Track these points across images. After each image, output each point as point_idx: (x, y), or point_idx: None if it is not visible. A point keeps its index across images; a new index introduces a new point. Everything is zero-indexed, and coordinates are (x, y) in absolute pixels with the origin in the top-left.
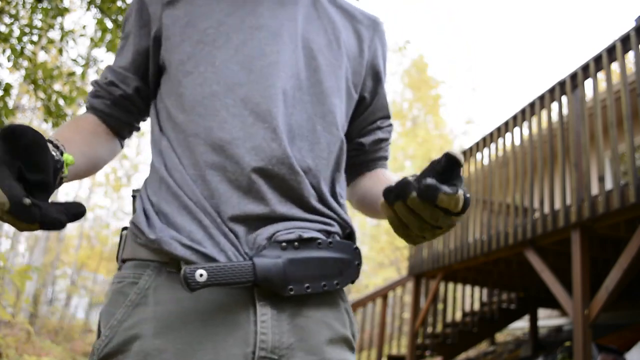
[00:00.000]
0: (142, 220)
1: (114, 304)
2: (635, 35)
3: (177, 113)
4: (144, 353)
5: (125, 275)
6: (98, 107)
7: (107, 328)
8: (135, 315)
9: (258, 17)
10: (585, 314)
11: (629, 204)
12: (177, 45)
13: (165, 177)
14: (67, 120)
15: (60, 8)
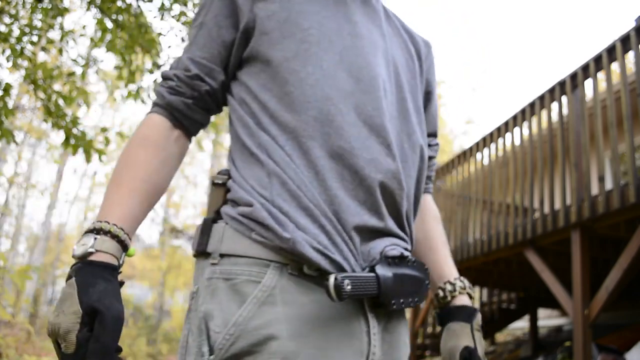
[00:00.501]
0: (266, 215)
1: (227, 302)
2: (635, 35)
3: (281, 111)
4: (282, 355)
5: (236, 272)
6: (177, 106)
7: (232, 326)
8: (264, 314)
9: (354, 25)
10: (585, 314)
11: (629, 204)
12: (278, 42)
13: (277, 172)
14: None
15: (60, 8)
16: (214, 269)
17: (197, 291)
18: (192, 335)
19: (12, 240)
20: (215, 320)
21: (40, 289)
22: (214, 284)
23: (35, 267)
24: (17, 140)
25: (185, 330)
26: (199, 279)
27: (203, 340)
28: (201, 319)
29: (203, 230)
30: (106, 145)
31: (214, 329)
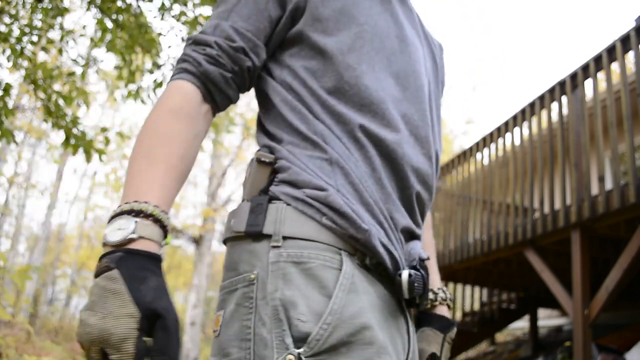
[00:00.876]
0: (343, 203)
1: (306, 288)
2: (635, 35)
3: (335, 102)
4: (377, 345)
5: (309, 255)
6: (214, 78)
7: (328, 314)
8: (354, 302)
9: (400, 27)
10: (585, 314)
11: (629, 204)
12: (333, 32)
13: (340, 162)
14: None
15: (60, 8)
16: (279, 252)
17: (258, 277)
18: (265, 326)
19: (12, 240)
20: (299, 308)
21: (40, 289)
22: (283, 268)
23: (35, 267)
24: (17, 140)
25: (243, 321)
26: (254, 263)
27: (284, 330)
28: (278, 307)
29: (255, 210)
30: (106, 145)
31: (299, 317)
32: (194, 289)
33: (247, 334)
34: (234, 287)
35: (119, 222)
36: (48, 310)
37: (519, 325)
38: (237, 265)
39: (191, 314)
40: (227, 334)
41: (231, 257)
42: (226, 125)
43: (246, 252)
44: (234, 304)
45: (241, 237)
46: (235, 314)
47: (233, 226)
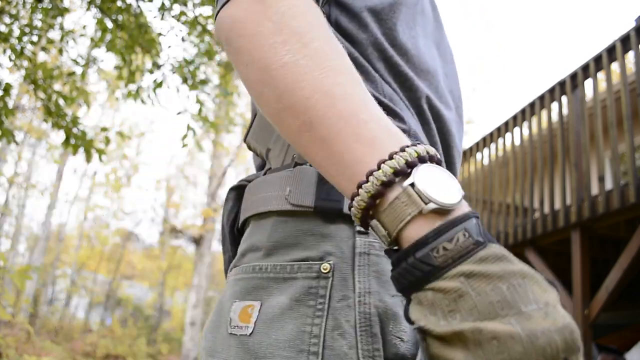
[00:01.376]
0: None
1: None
2: (635, 35)
3: (399, 60)
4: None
5: None
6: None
7: None
8: None
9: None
10: (585, 314)
11: (629, 204)
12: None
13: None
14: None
15: (60, 8)
16: (369, 240)
17: (334, 268)
18: (345, 337)
19: (12, 240)
20: (401, 323)
21: (40, 289)
22: (376, 263)
23: (35, 267)
24: (17, 140)
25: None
26: (328, 250)
27: (377, 350)
28: (371, 316)
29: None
30: (106, 145)
31: (400, 335)
32: (194, 289)
33: (310, 344)
34: (289, 275)
35: (431, 172)
36: (48, 310)
37: None
38: (291, 247)
39: (191, 314)
40: (270, 336)
41: (278, 235)
42: (226, 125)
43: (309, 233)
44: (288, 297)
45: (300, 214)
46: (288, 312)
47: (290, 197)
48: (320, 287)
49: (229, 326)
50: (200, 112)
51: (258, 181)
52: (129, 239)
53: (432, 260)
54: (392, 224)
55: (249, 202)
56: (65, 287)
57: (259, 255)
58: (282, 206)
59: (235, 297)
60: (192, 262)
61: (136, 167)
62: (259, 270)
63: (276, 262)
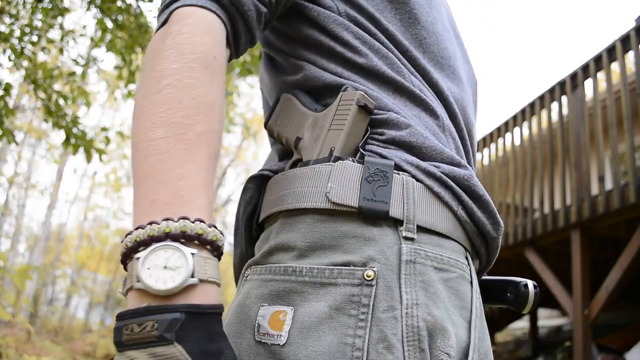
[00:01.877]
0: (482, 188)
1: (453, 309)
2: (635, 35)
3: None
4: None
5: (449, 261)
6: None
7: (473, 351)
8: (484, 333)
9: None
10: (585, 314)
11: (629, 204)
12: None
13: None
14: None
15: (60, 8)
16: (416, 248)
17: (379, 276)
18: (392, 352)
19: (12, 240)
20: (450, 338)
21: (40, 289)
22: (423, 273)
23: (35, 267)
24: (17, 140)
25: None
26: (371, 255)
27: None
28: (420, 329)
29: (374, 178)
30: (106, 145)
31: (447, 351)
32: None
33: (352, 357)
34: (328, 280)
35: (163, 253)
36: (48, 310)
37: (519, 325)
38: (330, 250)
39: None
40: (307, 347)
41: (315, 235)
42: (226, 125)
43: (351, 236)
44: (327, 305)
45: (341, 214)
46: (327, 321)
47: (331, 194)
48: (364, 296)
49: (256, 332)
50: None
51: (289, 174)
52: None
53: (121, 335)
54: (127, 282)
55: (278, 195)
56: (65, 287)
57: (292, 255)
58: (322, 204)
59: (263, 300)
60: None
61: None
62: (292, 272)
63: (312, 264)
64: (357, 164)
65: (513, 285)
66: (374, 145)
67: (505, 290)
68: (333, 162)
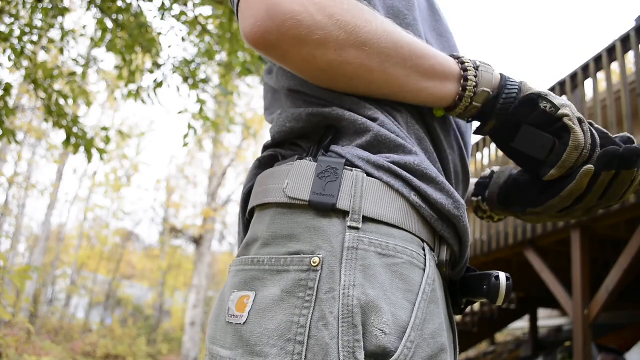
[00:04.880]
0: (436, 171)
1: (392, 290)
2: (635, 35)
3: None
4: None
5: (396, 248)
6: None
7: (411, 329)
8: (434, 316)
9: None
10: (585, 314)
11: (629, 204)
12: None
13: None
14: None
15: (61, 8)
16: (359, 236)
17: (324, 262)
18: (328, 328)
19: (12, 240)
20: (384, 315)
21: (40, 289)
22: (364, 257)
23: (35, 267)
24: (17, 140)
25: (292, 315)
26: (319, 244)
27: (357, 341)
28: (354, 308)
29: (325, 174)
30: (107, 145)
31: (382, 327)
32: (194, 289)
33: (296, 334)
34: (281, 267)
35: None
36: (48, 310)
37: (519, 325)
38: (286, 240)
39: (191, 314)
40: (261, 325)
41: (275, 227)
42: (226, 124)
43: (303, 226)
44: (279, 289)
45: (297, 207)
46: (279, 303)
47: (287, 190)
48: (310, 280)
49: (227, 315)
50: (202, 112)
51: (267, 172)
52: (129, 239)
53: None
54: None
55: (256, 192)
56: (65, 287)
57: (258, 245)
58: (281, 198)
59: (234, 287)
60: (192, 262)
61: (136, 167)
62: (257, 262)
63: (272, 254)
64: (312, 162)
65: (487, 278)
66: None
67: (482, 283)
68: (294, 162)
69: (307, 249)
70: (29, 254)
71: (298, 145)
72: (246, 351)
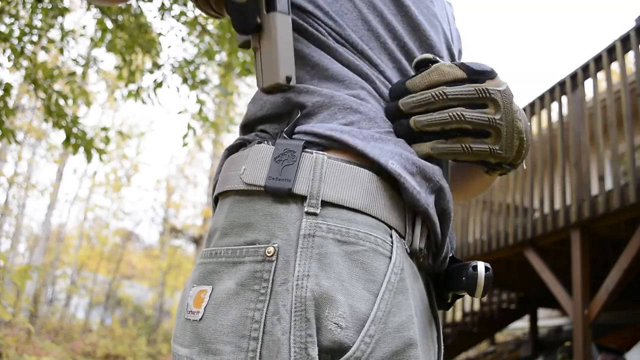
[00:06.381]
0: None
1: (351, 280)
2: (635, 35)
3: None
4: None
5: (356, 234)
6: None
7: (371, 323)
8: (400, 308)
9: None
10: (585, 314)
11: (629, 204)
12: None
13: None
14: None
15: (60, 8)
16: (317, 222)
17: (279, 251)
18: (281, 322)
19: (12, 240)
20: (339, 308)
21: (40, 289)
22: (320, 245)
23: (35, 267)
24: (17, 140)
25: (247, 310)
26: (274, 232)
27: (310, 336)
28: (306, 300)
29: (282, 157)
30: (106, 145)
31: (337, 321)
32: None
33: (251, 330)
34: (237, 259)
35: None
36: (48, 310)
37: (519, 325)
38: (244, 229)
39: None
40: (216, 321)
41: (233, 216)
42: (226, 125)
43: (261, 214)
44: (234, 282)
45: (254, 193)
46: (234, 297)
47: (244, 176)
48: (265, 271)
49: (185, 312)
50: (201, 112)
51: (229, 159)
52: (129, 239)
53: None
54: None
55: (218, 180)
56: (65, 287)
57: (216, 237)
58: (238, 185)
59: (194, 282)
60: (192, 262)
61: (136, 167)
62: (215, 254)
63: (228, 245)
64: (270, 146)
65: (465, 269)
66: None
67: (461, 275)
68: (252, 147)
69: (263, 238)
70: (29, 254)
71: (265, 130)
72: (202, 349)
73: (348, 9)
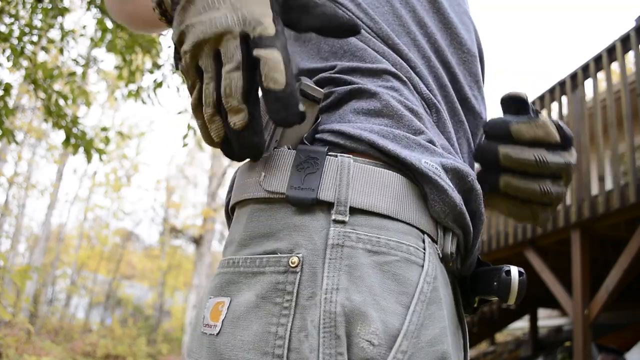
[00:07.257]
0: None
1: (383, 293)
2: (635, 35)
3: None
4: None
5: (388, 243)
6: None
7: (402, 338)
8: (434, 319)
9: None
10: (585, 314)
11: (629, 204)
12: None
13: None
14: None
15: (60, 8)
16: (346, 231)
17: (304, 262)
18: (308, 339)
19: (12, 240)
20: (372, 324)
21: (40, 289)
22: (350, 256)
23: (35, 267)
24: (17, 140)
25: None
26: (298, 242)
27: (340, 354)
28: (336, 315)
29: (304, 165)
30: (106, 145)
31: (369, 338)
32: (194, 289)
33: (274, 346)
34: (257, 269)
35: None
36: (48, 310)
37: (519, 325)
38: (264, 238)
39: (191, 314)
40: (235, 336)
41: (252, 225)
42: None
43: (282, 222)
44: (254, 294)
45: (275, 201)
46: (254, 310)
47: (264, 183)
48: (288, 283)
49: (202, 325)
50: None
51: (245, 165)
52: (129, 239)
53: None
54: None
55: (234, 188)
56: (65, 287)
57: (235, 246)
58: (258, 193)
59: (210, 292)
60: (192, 262)
61: (136, 167)
62: (233, 264)
63: (248, 254)
64: (291, 151)
65: (497, 274)
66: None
67: (492, 279)
68: (271, 151)
69: (285, 247)
70: (29, 254)
71: None
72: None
73: (380, 3)
